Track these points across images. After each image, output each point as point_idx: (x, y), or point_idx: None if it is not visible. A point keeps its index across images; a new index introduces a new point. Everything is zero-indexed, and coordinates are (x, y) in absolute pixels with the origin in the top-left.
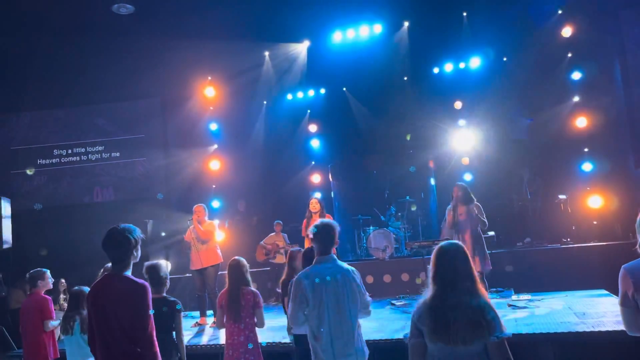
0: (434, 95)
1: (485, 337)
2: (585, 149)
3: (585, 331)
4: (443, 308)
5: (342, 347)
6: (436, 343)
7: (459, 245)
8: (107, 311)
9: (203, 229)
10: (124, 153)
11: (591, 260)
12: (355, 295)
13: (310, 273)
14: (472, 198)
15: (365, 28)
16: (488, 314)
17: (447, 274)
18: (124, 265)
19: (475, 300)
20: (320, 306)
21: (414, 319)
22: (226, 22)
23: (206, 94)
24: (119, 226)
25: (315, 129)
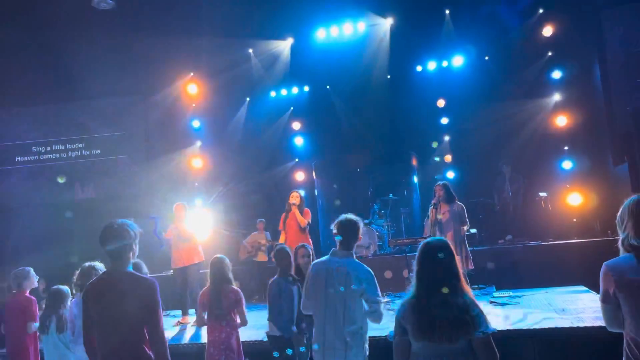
0: (417, 93)
1: (470, 334)
2: (565, 147)
3: (564, 327)
4: (428, 306)
5: (332, 338)
6: (421, 341)
7: (444, 242)
8: (113, 310)
9: (184, 227)
10: (105, 150)
11: (571, 257)
12: (352, 293)
13: (318, 262)
14: (454, 197)
15: (349, 26)
16: (473, 311)
17: (432, 271)
18: (125, 260)
19: (460, 297)
20: (316, 295)
21: (399, 317)
22: (209, 18)
23: (189, 91)
24: (117, 220)
25: (298, 126)
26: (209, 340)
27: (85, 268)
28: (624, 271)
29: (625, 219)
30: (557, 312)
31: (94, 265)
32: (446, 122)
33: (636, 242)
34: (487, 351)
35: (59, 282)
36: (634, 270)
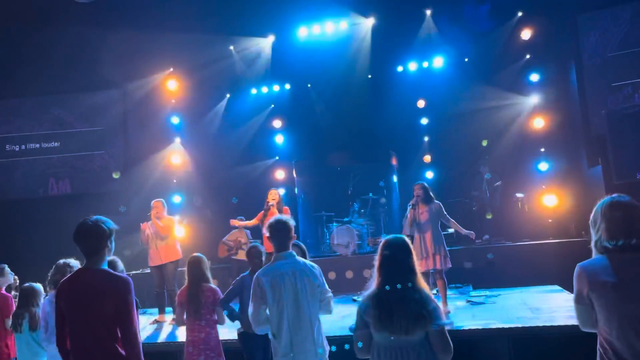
0: (398, 93)
1: (426, 327)
2: (541, 149)
3: (538, 326)
4: (388, 301)
5: (301, 343)
6: (381, 333)
7: (403, 240)
8: (86, 308)
9: (162, 225)
10: (81, 145)
11: (546, 257)
12: (314, 291)
13: (268, 270)
14: (432, 197)
15: (331, 24)
16: (429, 305)
17: (391, 267)
18: (100, 257)
19: (417, 293)
20: (279, 303)
21: (360, 312)
22: (190, 14)
23: (168, 87)
24: (91, 217)
25: (279, 124)
26: (188, 340)
27: (60, 265)
28: (596, 272)
29: (598, 221)
30: (531, 311)
31: (68, 262)
32: (426, 123)
33: (608, 245)
34: (442, 342)
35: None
36: (606, 272)
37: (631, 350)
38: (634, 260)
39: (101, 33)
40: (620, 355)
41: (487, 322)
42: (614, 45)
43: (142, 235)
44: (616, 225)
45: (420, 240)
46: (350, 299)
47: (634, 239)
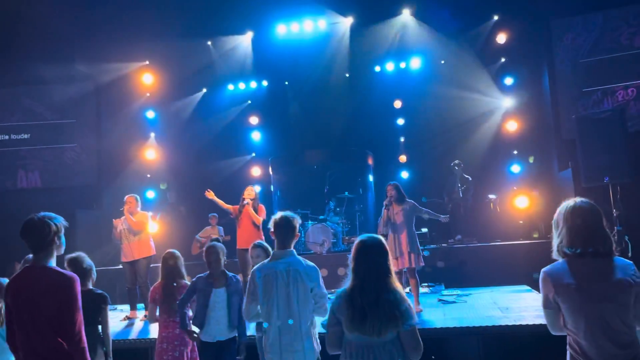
0: (375, 93)
1: (398, 327)
2: (514, 152)
3: (507, 325)
4: (361, 302)
5: (289, 343)
6: (353, 332)
7: (379, 240)
8: (31, 306)
9: (135, 220)
10: (52, 138)
11: (516, 257)
12: (306, 292)
13: (263, 267)
14: (404, 197)
15: (310, 23)
16: (402, 306)
17: (366, 268)
18: (46, 254)
19: (391, 294)
20: (269, 301)
21: (333, 309)
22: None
23: (143, 80)
24: (38, 214)
25: (256, 121)
26: (161, 336)
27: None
28: (560, 276)
29: (560, 225)
30: (501, 310)
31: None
32: (402, 123)
33: (568, 251)
34: (413, 341)
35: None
36: (568, 275)
37: (599, 350)
38: (591, 263)
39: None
40: (588, 355)
41: (458, 320)
42: (584, 51)
43: (114, 231)
44: (576, 232)
45: (395, 240)
46: None
47: (591, 248)
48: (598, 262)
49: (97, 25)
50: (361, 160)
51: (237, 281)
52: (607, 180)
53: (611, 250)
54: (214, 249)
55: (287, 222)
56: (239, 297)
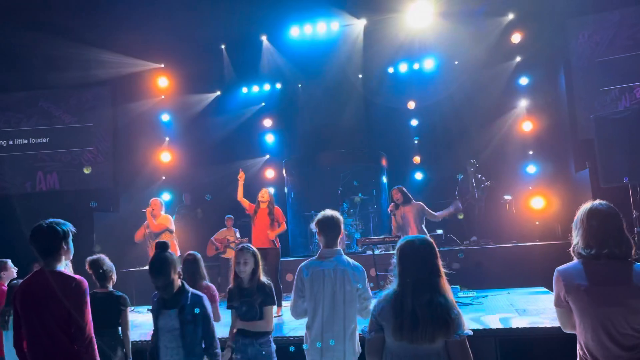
0: (389, 94)
1: (448, 335)
2: (530, 152)
3: (525, 327)
4: (413, 306)
5: (331, 342)
6: (400, 340)
7: (428, 240)
8: (41, 309)
9: (156, 223)
10: (70, 141)
11: (533, 259)
12: (352, 293)
13: (310, 265)
14: (410, 198)
15: (323, 24)
16: (453, 312)
17: (416, 270)
18: (54, 259)
19: (442, 297)
20: (315, 298)
21: (375, 314)
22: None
23: (158, 84)
24: (46, 220)
25: (270, 123)
26: None
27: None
28: (572, 277)
29: (577, 227)
30: (518, 312)
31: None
32: (416, 124)
33: (583, 252)
34: (462, 353)
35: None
36: (580, 276)
37: (605, 352)
38: (605, 266)
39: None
40: (595, 356)
41: (474, 323)
42: (601, 50)
43: (138, 232)
44: (591, 234)
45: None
46: None
47: (606, 249)
48: (613, 265)
49: (114, 30)
50: (375, 161)
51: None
52: (626, 180)
53: (628, 254)
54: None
55: (333, 221)
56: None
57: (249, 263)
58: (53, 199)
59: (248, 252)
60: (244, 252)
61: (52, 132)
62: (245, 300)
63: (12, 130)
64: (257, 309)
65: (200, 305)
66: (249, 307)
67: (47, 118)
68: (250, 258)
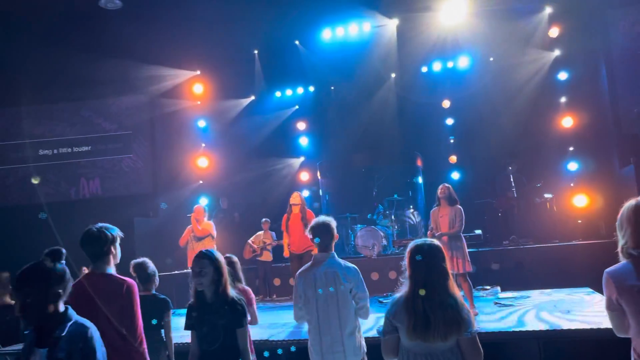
0: (423, 94)
1: (460, 333)
2: (570, 148)
3: (570, 329)
4: (423, 307)
5: (330, 344)
6: (414, 340)
7: (435, 244)
8: (93, 311)
9: (200, 228)
10: (111, 148)
11: (576, 258)
12: (346, 294)
13: (303, 271)
14: (456, 200)
15: (355, 26)
16: (463, 312)
17: (426, 272)
18: (104, 262)
19: (452, 298)
20: (309, 303)
21: (389, 316)
22: (215, 18)
23: (194, 90)
24: (96, 225)
25: (303, 126)
26: None
27: None
28: (623, 278)
29: (624, 225)
30: (562, 313)
31: None
32: (451, 123)
33: (634, 252)
34: (473, 349)
35: None
36: (632, 277)
37: None
38: None
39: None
40: None
41: (516, 324)
42: None
43: (183, 236)
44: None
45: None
46: (377, 301)
47: None
48: None
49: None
50: (410, 161)
51: (79, 335)
52: None
53: None
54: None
55: (324, 226)
56: None
57: (207, 273)
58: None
59: (205, 259)
60: (200, 259)
61: (94, 140)
62: (207, 319)
63: (56, 140)
64: (221, 331)
65: (83, 339)
66: (211, 329)
67: (88, 126)
68: (208, 266)
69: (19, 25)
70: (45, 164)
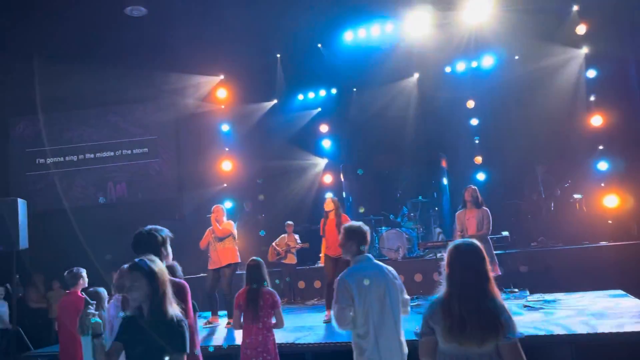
0: (446, 94)
1: (499, 339)
2: (600, 147)
3: (604, 332)
4: (460, 310)
5: (388, 342)
6: (450, 343)
7: (475, 244)
8: None
9: (221, 228)
10: (137, 153)
11: (607, 260)
12: (397, 294)
13: (352, 272)
14: (482, 202)
15: (377, 27)
16: (502, 316)
17: (463, 274)
18: None
19: (491, 301)
20: (364, 304)
21: (426, 317)
22: (238, 24)
23: (218, 95)
24: (146, 227)
25: (326, 129)
26: (245, 342)
27: (124, 270)
28: None
29: None
30: (595, 316)
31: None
32: (476, 124)
33: None
34: (514, 356)
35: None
36: None
37: None
38: None
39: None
40: None
41: (547, 328)
42: None
43: (204, 239)
44: None
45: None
46: None
47: None
48: None
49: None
50: (434, 163)
51: None
52: None
53: None
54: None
55: (360, 229)
56: None
57: (139, 287)
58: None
59: (136, 272)
60: (131, 272)
61: (121, 145)
62: (142, 339)
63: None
64: (156, 354)
65: None
66: (146, 349)
67: (115, 130)
68: (139, 279)
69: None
70: (73, 169)
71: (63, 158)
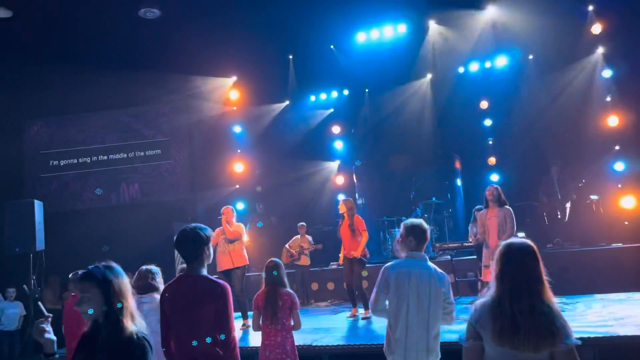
0: (460, 95)
1: (554, 345)
2: (616, 147)
3: (627, 335)
4: (512, 311)
5: (415, 341)
6: (501, 347)
7: (529, 244)
8: (188, 312)
9: (231, 230)
10: (149, 154)
11: (625, 262)
12: (438, 296)
13: (398, 264)
14: (505, 201)
15: (389, 28)
16: (558, 321)
17: (517, 275)
18: (199, 263)
19: (546, 305)
20: (399, 297)
21: (472, 322)
22: (250, 24)
23: (230, 96)
24: (190, 225)
25: (338, 130)
26: (264, 344)
27: (143, 271)
28: None
29: None
30: (616, 319)
31: (150, 268)
32: (490, 124)
33: None
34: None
35: None
36: None
37: None
38: None
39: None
40: None
41: None
42: None
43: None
44: None
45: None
46: None
47: None
48: None
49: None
50: (448, 164)
51: None
52: None
53: None
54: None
55: (420, 227)
56: None
57: (90, 299)
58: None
59: (86, 281)
60: (81, 282)
61: (133, 147)
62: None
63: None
64: None
65: None
66: None
67: (127, 132)
68: (90, 289)
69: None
70: (87, 170)
71: (76, 160)
